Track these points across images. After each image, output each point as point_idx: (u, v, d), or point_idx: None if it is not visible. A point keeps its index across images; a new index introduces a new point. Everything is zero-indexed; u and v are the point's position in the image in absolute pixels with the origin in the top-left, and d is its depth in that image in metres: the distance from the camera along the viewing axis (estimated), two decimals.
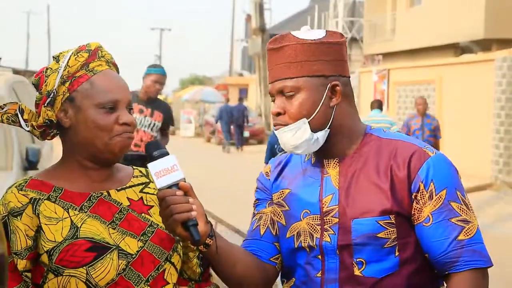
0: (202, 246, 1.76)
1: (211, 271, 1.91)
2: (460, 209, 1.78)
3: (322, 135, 1.83)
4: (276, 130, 1.87)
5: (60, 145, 1.86)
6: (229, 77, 44.74)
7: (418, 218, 1.79)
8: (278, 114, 1.84)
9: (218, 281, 1.97)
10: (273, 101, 1.88)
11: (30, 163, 4.94)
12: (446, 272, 1.79)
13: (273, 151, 5.66)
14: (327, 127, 1.83)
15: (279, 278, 2.00)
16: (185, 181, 1.71)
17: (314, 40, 1.83)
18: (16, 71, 9.89)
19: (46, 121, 1.75)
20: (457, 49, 20.85)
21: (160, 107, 6.51)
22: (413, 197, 1.79)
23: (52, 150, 7.01)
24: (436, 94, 16.23)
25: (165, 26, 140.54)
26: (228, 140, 23.90)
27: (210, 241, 1.76)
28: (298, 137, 1.82)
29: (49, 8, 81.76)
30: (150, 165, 1.71)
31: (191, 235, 1.68)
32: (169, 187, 1.69)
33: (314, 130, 1.82)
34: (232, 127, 23.92)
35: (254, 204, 2.02)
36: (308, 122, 1.81)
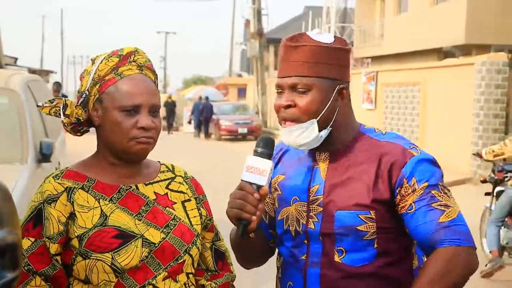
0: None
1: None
2: (440, 196, 1.77)
3: (325, 133, 1.83)
4: (284, 127, 1.84)
5: (73, 140, 1.88)
6: (229, 78, 44.58)
7: (402, 208, 1.78)
8: (289, 106, 1.82)
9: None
10: (279, 93, 1.85)
11: (44, 156, 4.93)
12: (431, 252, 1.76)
13: None
14: (330, 125, 1.83)
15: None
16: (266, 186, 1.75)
17: (328, 44, 1.82)
18: (31, 71, 9.90)
19: (75, 119, 1.77)
20: (440, 53, 20.87)
21: None
22: (397, 191, 1.79)
23: (65, 145, 7.00)
24: (421, 95, 16.24)
25: (170, 29, 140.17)
26: (197, 130, 27.53)
27: (252, 235, 1.80)
28: (305, 136, 1.81)
29: (62, 12, 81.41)
30: (249, 157, 1.76)
31: (238, 229, 1.76)
32: (250, 183, 1.74)
33: (319, 128, 1.81)
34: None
35: None
36: (317, 121, 1.80)
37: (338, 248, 1.81)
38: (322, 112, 1.81)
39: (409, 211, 1.77)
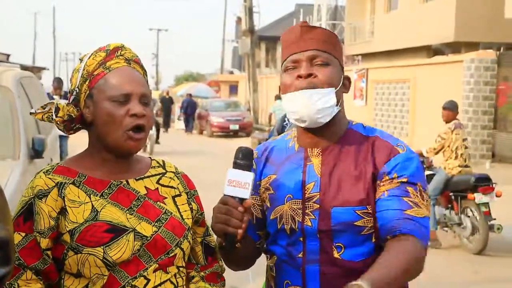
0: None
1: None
2: (413, 195, 1.76)
3: (336, 109, 1.84)
4: (303, 90, 1.79)
5: (75, 137, 1.86)
6: (220, 75, 44.57)
7: (376, 196, 1.78)
8: (310, 75, 1.81)
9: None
10: (292, 69, 1.83)
11: (36, 152, 4.92)
12: (388, 237, 1.73)
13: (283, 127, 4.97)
14: (339, 105, 1.85)
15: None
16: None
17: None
18: (24, 67, 9.83)
19: (67, 116, 1.78)
20: (430, 50, 20.93)
21: None
22: (377, 185, 1.78)
23: (57, 140, 6.98)
24: (411, 92, 16.29)
25: (162, 26, 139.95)
26: (187, 126, 28.23)
27: (238, 245, 1.76)
28: (324, 101, 1.80)
29: (54, 9, 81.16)
30: (230, 171, 1.71)
31: (224, 242, 1.73)
32: (233, 197, 1.69)
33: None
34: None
35: None
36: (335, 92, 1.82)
37: (337, 244, 1.79)
38: (338, 88, 1.84)
39: (381, 197, 1.77)
